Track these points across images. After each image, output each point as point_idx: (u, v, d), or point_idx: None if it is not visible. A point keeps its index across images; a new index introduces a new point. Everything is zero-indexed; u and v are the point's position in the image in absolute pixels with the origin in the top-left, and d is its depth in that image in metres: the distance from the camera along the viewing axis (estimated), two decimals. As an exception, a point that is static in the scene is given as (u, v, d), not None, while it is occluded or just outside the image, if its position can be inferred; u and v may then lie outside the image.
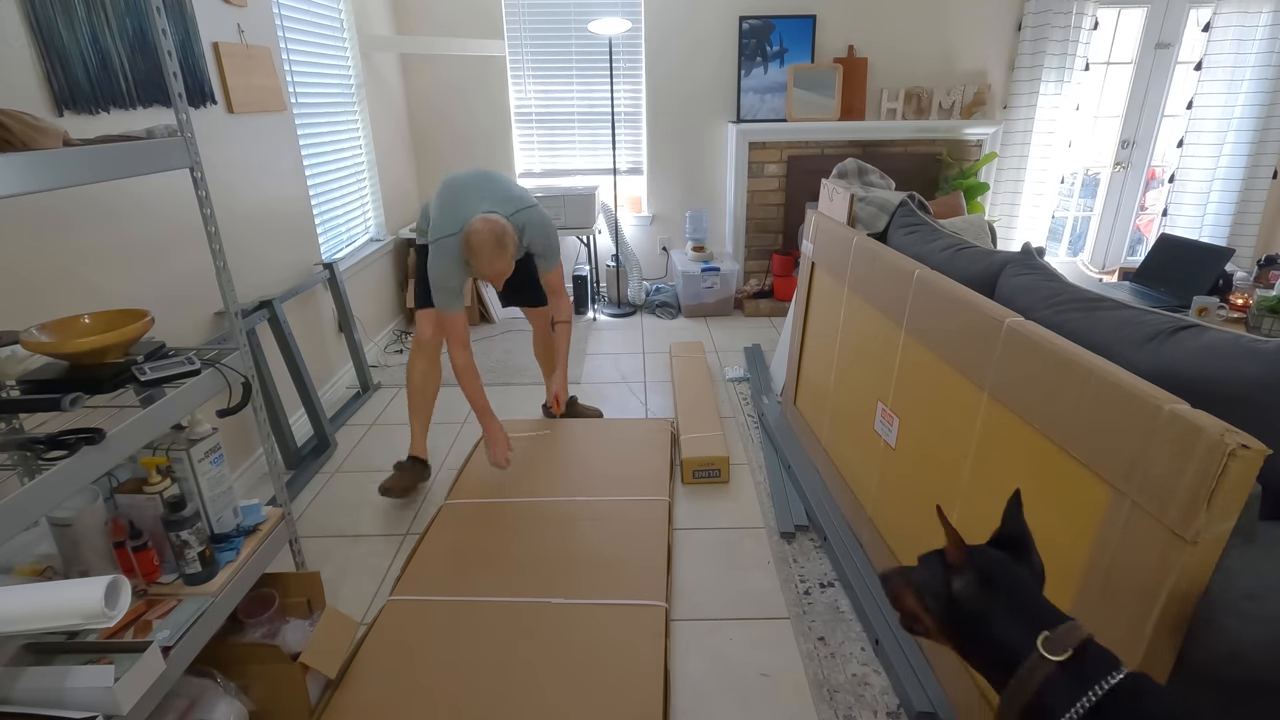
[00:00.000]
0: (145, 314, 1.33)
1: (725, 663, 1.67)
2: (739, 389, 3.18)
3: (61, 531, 1.24)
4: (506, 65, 4.14)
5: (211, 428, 1.45)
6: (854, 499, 2.03)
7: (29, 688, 1.05)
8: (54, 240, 1.65)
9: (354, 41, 3.46)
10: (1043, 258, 1.61)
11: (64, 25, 1.66)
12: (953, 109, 4.13)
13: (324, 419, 2.68)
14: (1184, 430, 0.90)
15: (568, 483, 2.37)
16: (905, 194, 2.35)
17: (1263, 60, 4.03)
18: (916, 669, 1.57)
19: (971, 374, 1.41)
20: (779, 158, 4.17)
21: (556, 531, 2.11)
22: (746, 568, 2.00)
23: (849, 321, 2.11)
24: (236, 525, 1.52)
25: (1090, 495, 1.08)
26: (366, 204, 3.70)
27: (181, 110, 1.36)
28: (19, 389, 1.18)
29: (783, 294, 4.26)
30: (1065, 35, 3.96)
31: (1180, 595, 0.92)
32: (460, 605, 1.81)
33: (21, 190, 1.00)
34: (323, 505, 2.34)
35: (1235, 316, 2.70)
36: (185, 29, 2.13)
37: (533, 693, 1.55)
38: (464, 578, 1.91)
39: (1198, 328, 1.14)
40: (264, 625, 1.55)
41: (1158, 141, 4.41)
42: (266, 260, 2.61)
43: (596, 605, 1.80)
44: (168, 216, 2.06)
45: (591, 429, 2.73)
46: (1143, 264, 3.40)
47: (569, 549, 2.03)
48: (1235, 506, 0.87)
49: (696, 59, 4.15)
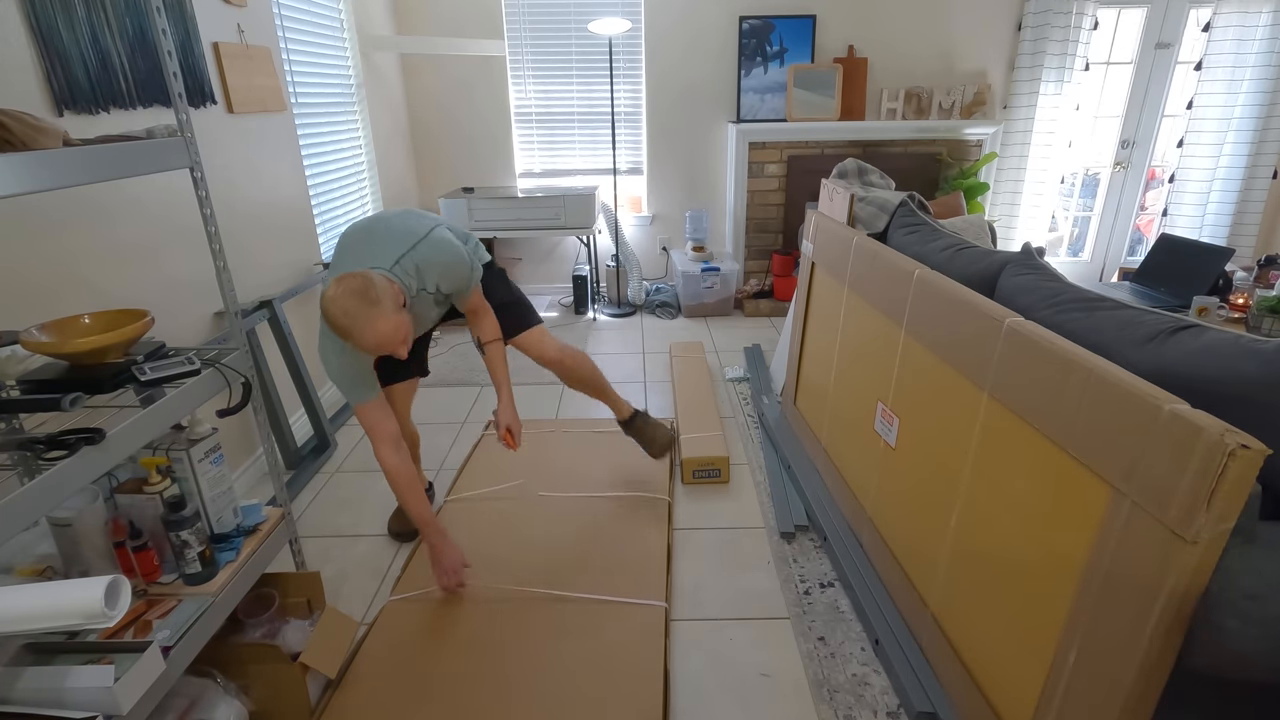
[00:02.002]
0: (145, 314, 1.33)
1: (725, 662, 1.67)
2: (739, 389, 3.18)
3: (61, 531, 1.24)
4: (506, 65, 4.14)
5: (211, 428, 1.45)
6: (854, 499, 2.03)
7: (29, 688, 1.05)
8: (54, 240, 1.65)
9: (354, 41, 3.46)
10: (1042, 258, 1.61)
11: (64, 25, 1.66)
12: (953, 109, 4.13)
13: (324, 419, 2.68)
14: (1184, 430, 0.90)
15: (568, 481, 2.37)
16: (905, 194, 2.35)
17: (1263, 60, 4.03)
18: (916, 669, 1.57)
19: (971, 374, 1.41)
20: (779, 158, 4.17)
21: (556, 531, 2.11)
22: (746, 568, 2.00)
23: (849, 321, 2.11)
24: (236, 525, 1.52)
25: (1090, 495, 1.08)
26: (367, 204, 3.70)
27: (181, 110, 1.36)
28: (19, 389, 1.18)
29: (783, 294, 4.26)
30: (1065, 35, 3.96)
31: (1180, 595, 0.92)
32: (460, 605, 1.81)
33: (21, 190, 1.00)
34: (323, 505, 2.34)
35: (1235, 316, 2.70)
36: (185, 29, 2.13)
37: (532, 693, 1.55)
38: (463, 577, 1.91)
39: (1198, 328, 1.14)
40: (264, 625, 1.55)
41: (1158, 141, 4.41)
42: (266, 260, 2.61)
43: (596, 605, 1.80)
44: (168, 216, 2.06)
45: (591, 429, 2.74)
46: (1143, 264, 3.39)
47: (569, 549, 2.03)
48: (1235, 506, 0.87)
49: (696, 59, 4.15)
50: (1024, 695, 1.25)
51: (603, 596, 1.83)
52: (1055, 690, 1.14)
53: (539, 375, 3.33)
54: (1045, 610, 1.18)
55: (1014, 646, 1.28)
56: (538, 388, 3.23)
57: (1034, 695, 1.21)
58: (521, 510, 2.22)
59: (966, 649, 1.44)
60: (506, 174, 4.37)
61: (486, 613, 1.79)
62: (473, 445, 2.65)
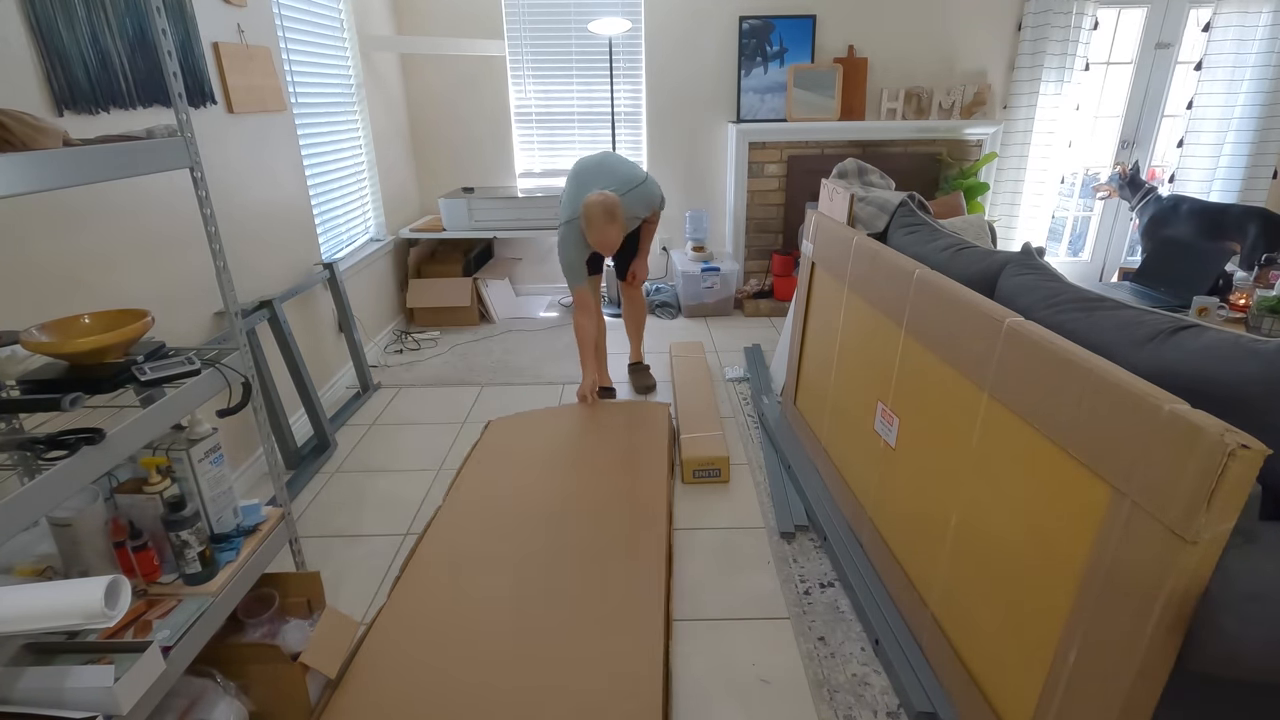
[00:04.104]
0: (145, 314, 1.33)
1: (725, 663, 1.67)
2: (739, 389, 3.18)
3: (61, 531, 1.24)
4: (506, 65, 4.14)
5: (211, 428, 1.45)
6: (854, 499, 2.03)
7: (29, 688, 1.05)
8: (54, 240, 1.65)
9: (354, 41, 3.46)
10: (1042, 258, 1.61)
11: (64, 25, 1.66)
12: (953, 109, 4.13)
13: (324, 419, 2.68)
14: (1184, 430, 0.90)
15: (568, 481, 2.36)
16: (905, 194, 2.35)
17: (1263, 60, 4.03)
18: (916, 669, 1.57)
19: (971, 374, 1.41)
20: (779, 158, 4.17)
21: (556, 530, 2.10)
22: (746, 568, 2.00)
23: (849, 321, 2.11)
24: (236, 525, 1.52)
25: (1090, 495, 1.08)
26: (366, 204, 3.70)
27: (181, 110, 1.36)
28: (19, 389, 1.18)
29: (783, 294, 4.26)
30: (1065, 35, 3.96)
31: (1180, 595, 0.92)
32: (459, 605, 1.81)
33: (21, 190, 1.00)
34: (323, 505, 2.34)
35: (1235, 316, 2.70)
36: (185, 29, 2.13)
37: (532, 693, 1.55)
38: (463, 577, 1.91)
39: (1198, 328, 1.14)
40: (264, 625, 1.55)
41: (1158, 141, 4.41)
42: (266, 260, 2.61)
43: (596, 605, 1.80)
44: (168, 216, 2.06)
45: (590, 415, 2.81)
46: (1143, 264, 3.40)
47: (568, 548, 2.03)
48: (1235, 506, 0.87)
49: (696, 59, 4.15)
50: (1024, 695, 1.25)
51: (602, 597, 1.83)
52: (1055, 690, 1.14)
53: (537, 375, 3.35)
54: (1045, 610, 1.18)
55: (1014, 646, 1.28)
56: (539, 387, 3.23)
57: (1034, 695, 1.21)
58: (521, 511, 2.22)
59: (966, 649, 1.44)
60: (506, 174, 4.37)
61: (486, 613, 1.79)
62: (472, 445, 2.65)
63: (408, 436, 2.80)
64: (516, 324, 4.11)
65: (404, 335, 3.94)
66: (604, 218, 2.50)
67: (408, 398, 3.16)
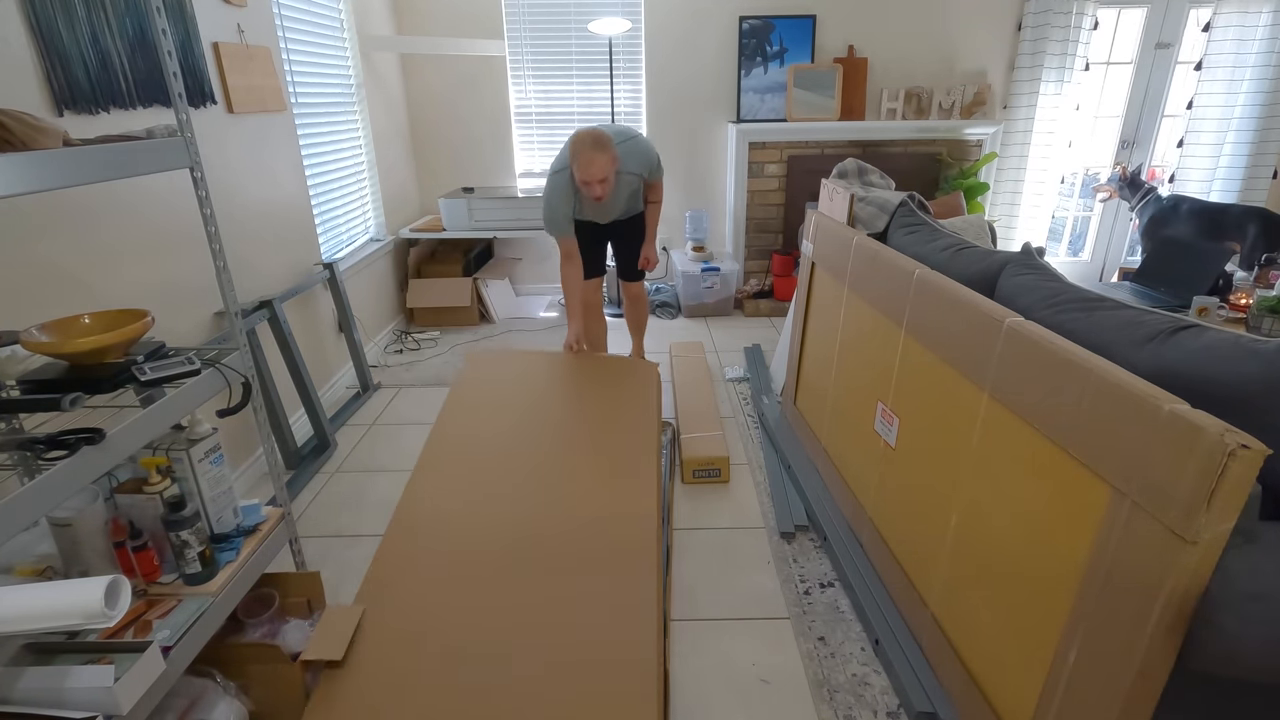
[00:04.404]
0: (145, 314, 1.33)
1: (725, 663, 1.67)
2: (739, 389, 3.18)
3: (61, 531, 1.24)
4: (506, 65, 4.14)
5: (211, 428, 1.45)
6: (854, 499, 2.03)
7: (29, 688, 1.05)
8: (54, 240, 1.65)
9: (354, 41, 3.46)
10: (1042, 258, 1.61)
11: (64, 25, 1.66)
12: (953, 109, 4.13)
13: (324, 419, 2.68)
14: (1184, 430, 0.90)
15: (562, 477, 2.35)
16: (905, 194, 2.35)
17: (1263, 60, 4.03)
18: (916, 669, 1.57)
19: (971, 374, 1.41)
20: (779, 158, 4.17)
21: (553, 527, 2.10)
22: (746, 568, 2.00)
23: (849, 321, 2.10)
24: (236, 525, 1.52)
25: (1090, 495, 1.08)
26: (366, 204, 3.70)
27: (181, 110, 1.36)
28: (19, 389, 1.18)
29: (783, 294, 4.26)
30: (1065, 35, 3.96)
31: (1180, 595, 0.92)
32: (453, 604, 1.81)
33: (21, 190, 1.00)
34: (323, 505, 2.34)
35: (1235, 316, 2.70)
36: (185, 29, 2.13)
37: (528, 693, 1.54)
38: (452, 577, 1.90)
39: (1198, 328, 1.14)
40: (264, 625, 1.55)
41: (1158, 141, 4.41)
42: (266, 260, 2.61)
43: (594, 604, 1.80)
44: (167, 216, 2.06)
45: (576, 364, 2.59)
46: (1143, 264, 3.40)
47: (567, 548, 2.02)
48: (1235, 506, 0.87)
49: (696, 59, 4.15)
50: (1024, 695, 1.25)
51: (601, 596, 1.83)
52: (1055, 690, 1.14)
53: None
54: (1045, 610, 1.18)
55: (1014, 646, 1.28)
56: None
57: (1034, 695, 1.21)
58: (515, 504, 2.21)
59: (966, 649, 1.44)
60: (506, 174, 4.37)
61: (480, 612, 1.78)
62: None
63: (408, 436, 2.80)
64: (516, 324, 4.11)
65: (404, 335, 3.94)
66: (592, 145, 2.34)
67: (408, 398, 3.16)
